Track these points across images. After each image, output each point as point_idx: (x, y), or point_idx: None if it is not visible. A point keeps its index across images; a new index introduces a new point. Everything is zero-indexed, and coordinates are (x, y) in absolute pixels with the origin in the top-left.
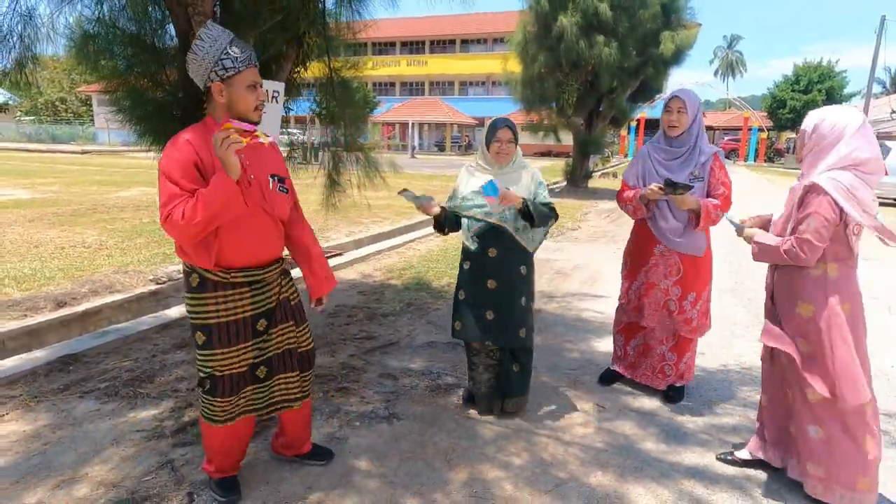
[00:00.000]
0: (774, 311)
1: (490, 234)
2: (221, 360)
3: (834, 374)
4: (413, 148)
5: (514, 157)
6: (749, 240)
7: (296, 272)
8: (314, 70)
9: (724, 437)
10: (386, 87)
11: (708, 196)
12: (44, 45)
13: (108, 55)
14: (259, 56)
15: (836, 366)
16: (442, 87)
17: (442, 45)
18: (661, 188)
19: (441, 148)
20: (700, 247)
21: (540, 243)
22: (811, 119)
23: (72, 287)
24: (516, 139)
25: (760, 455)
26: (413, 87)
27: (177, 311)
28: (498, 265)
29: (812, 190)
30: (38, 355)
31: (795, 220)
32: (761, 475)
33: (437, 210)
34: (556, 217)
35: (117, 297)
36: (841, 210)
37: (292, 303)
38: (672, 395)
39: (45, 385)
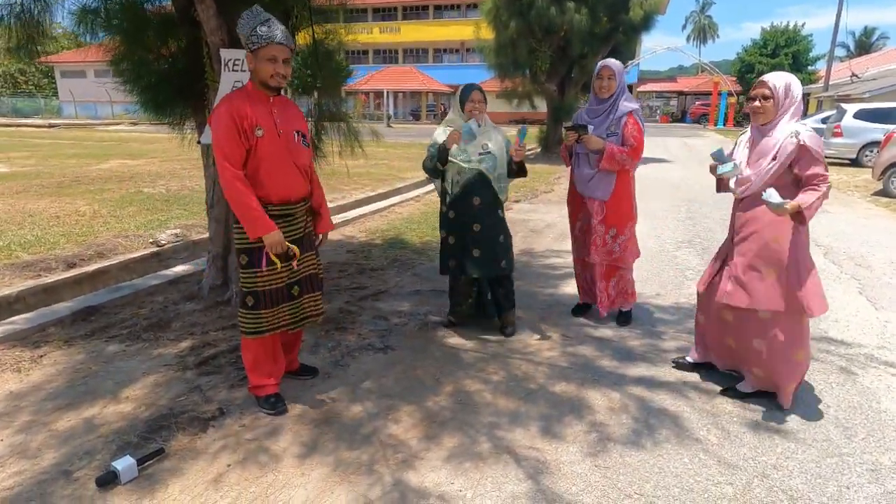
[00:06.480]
0: (739, 250)
1: (475, 186)
2: (262, 276)
3: (803, 292)
4: (389, 117)
5: (484, 117)
6: (794, 210)
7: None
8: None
9: (666, 356)
10: (359, 55)
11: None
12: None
13: (111, 28)
14: None
15: (807, 283)
16: (416, 54)
17: (415, 11)
18: (568, 129)
19: (417, 117)
20: (606, 193)
21: (507, 195)
22: (780, 80)
23: (78, 250)
24: (485, 101)
25: (705, 359)
26: (386, 55)
27: (181, 269)
28: (481, 212)
29: (810, 141)
30: (62, 306)
31: (803, 168)
32: (693, 379)
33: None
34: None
35: (122, 257)
36: None
37: (312, 237)
38: (622, 320)
39: (72, 332)
